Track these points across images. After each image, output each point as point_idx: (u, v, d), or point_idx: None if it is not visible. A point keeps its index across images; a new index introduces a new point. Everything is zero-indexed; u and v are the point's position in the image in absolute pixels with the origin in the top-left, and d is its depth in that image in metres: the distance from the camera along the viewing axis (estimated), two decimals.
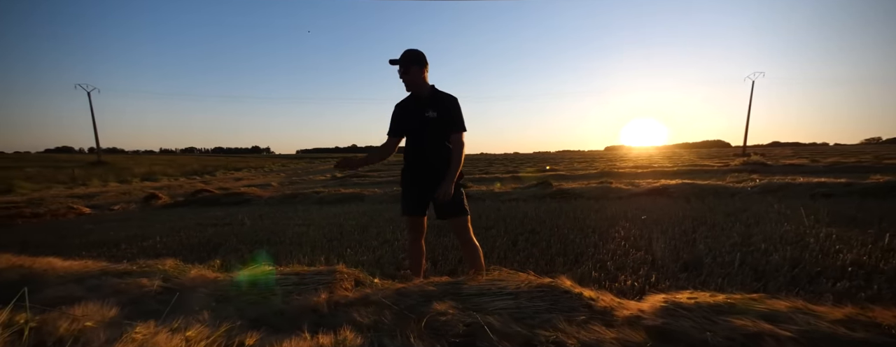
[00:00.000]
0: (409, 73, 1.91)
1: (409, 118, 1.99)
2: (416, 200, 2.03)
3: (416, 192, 2.02)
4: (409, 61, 1.90)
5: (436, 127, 1.95)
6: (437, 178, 1.93)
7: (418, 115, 1.95)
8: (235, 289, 1.82)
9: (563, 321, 1.33)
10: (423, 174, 1.99)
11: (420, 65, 1.92)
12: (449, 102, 1.98)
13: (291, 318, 1.54)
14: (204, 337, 1.22)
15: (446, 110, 1.96)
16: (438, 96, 1.98)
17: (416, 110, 1.96)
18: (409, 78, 1.92)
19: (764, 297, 1.40)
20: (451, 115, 1.96)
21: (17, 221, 5.88)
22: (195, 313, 1.47)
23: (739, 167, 12.18)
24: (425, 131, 1.96)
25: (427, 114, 1.93)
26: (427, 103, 1.95)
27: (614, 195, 6.09)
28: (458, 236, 2.06)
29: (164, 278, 2.00)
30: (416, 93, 1.98)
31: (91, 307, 1.55)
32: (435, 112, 1.94)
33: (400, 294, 1.71)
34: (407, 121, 2.00)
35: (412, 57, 1.91)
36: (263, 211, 5.75)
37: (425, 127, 1.95)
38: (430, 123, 1.94)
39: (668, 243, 2.84)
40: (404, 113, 2.01)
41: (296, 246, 3.25)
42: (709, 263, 2.34)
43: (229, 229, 4.22)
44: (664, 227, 3.40)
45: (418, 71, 1.92)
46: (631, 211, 4.41)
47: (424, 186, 1.98)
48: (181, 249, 3.34)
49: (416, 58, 1.91)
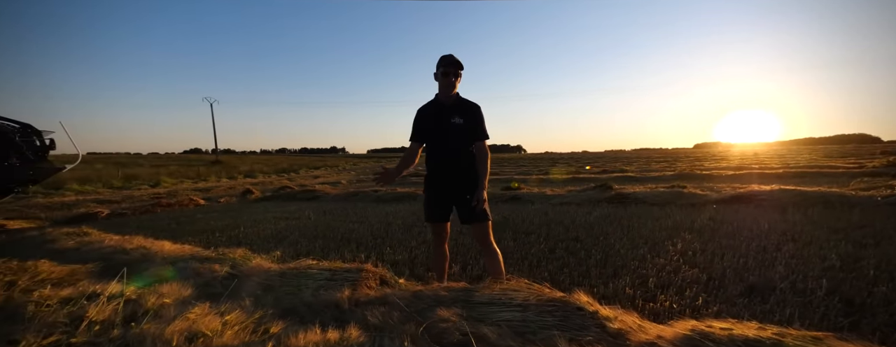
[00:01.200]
0: (459, 78, 1.93)
1: (435, 124, 1.97)
2: (440, 207, 2.04)
3: (440, 199, 2.03)
4: (460, 66, 1.91)
5: (461, 134, 1.95)
6: (462, 185, 1.95)
7: (444, 122, 1.93)
8: (279, 280, 2.07)
9: (565, 340, 1.25)
10: (449, 181, 1.99)
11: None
12: (475, 110, 1.98)
13: (317, 311, 1.71)
14: (239, 322, 1.43)
15: (473, 117, 1.96)
16: (464, 103, 1.98)
17: (442, 116, 1.94)
18: (456, 82, 1.92)
19: (832, 337, 1.15)
20: (476, 123, 1.97)
21: (157, 209, 7.39)
22: (242, 299, 1.73)
23: (879, 169, 9.70)
24: (451, 138, 1.95)
25: (454, 121, 1.92)
26: (453, 110, 1.94)
27: (685, 201, 5.37)
28: (478, 241, 2.05)
29: (231, 265, 2.36)
30: (442, 99, 1.97)
31: (174, 286, 1.91)
32: (461, 119, 1.93)
33: (415, 297, 1.77)
34: (432, 128, 1.98)
35: (461, 63, 1.92)
36: (328, 207, 6.34)
37: (451, 133, 1.94)
38: (457, 130, 1.93)
39: (735, 261, 2.44)
40: (428, 119, 1.99)
41: (344, 242, 3.54)
42: (784, 289, 1.96)
43: (296, 223, 4.76)
44: (738, 242, 2.91)
45: (461, 77, 1.95)
46: (701, 220, 3.87)
47: (449, 193, 1.99)
48: (256, 239, 3.87)
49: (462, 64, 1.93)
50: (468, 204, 1.91)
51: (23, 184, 5.15)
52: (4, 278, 1.99)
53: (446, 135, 1.95)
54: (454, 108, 1.94)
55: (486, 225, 1.98)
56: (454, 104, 1.95)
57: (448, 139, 1.96)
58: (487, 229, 1.99)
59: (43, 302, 1.60)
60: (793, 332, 1.14)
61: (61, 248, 3.16)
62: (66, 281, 2.05)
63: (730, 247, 2.76)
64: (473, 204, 1.88)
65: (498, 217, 4.55)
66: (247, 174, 18.87)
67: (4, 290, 1.85)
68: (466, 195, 1.92)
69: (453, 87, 1.92)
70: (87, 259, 2.68)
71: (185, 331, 1.28)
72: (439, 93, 1.96)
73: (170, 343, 1.18)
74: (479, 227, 1.98)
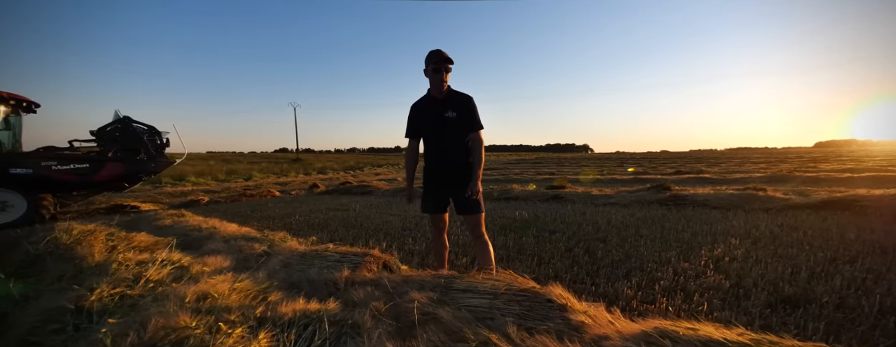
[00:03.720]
0: (449, 72, 1.91)
1: (429, 119, 1.97)
2: (438, 199, 2.07)
3: (438, 191, 2.06)
4: (450, 61, 1.90)
5: (456, 127, 1.94)
6: (459, 177, 1.96)
7: (438, 116, 1.93)
8: (299, 259, 2.31)
9: (517, 326, 1.22)
10: (446, 173, 2.01)
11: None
12: (467, 102, 1.96)
13: (317, 286, 1.88)
14: (246, 289, 1.66)
15: (465, 110, 1.95)
16: (457, 96, 1.97)
17: (435, 111, 1.94)
18: (447, 77, 1.90)
19: (793, 341, 0.96)
20: (470, 115, 1.96)
21: (242, 198, 8.63)
22: (259, 271, 1.99)
23: None
24: (446, 131, 1.95)
25: (447, 115, 1.92)
26: (446, 104, 1.93)
27: (758, 205, 4.59)
28: (471, 231, 2.06)
29: (269, 245, 2.70)
30: (435, 94, 1.96)
31: (217, 258, 2.27)
32: (454, 112, 1.92)
33: (404, 281, 1.85)
34: (426, 122, 1.99)
35: (450, 58, 1.90)
36: (377, 201, 6.75)
37: (446, 127, 1.94)
38: (451, 124, 1.93)
39: (778, 270, 2.05)
40: (422, 113, 2.00)
41: (375, 232, 3.77)
42: (827, 303, 1.60)
43: (342, 214, 5.18)
44: (798, 251, 2.43)
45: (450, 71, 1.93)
46: (765, 226, 3.30)
47: (446, 185, 2.01)
48: (304, 226, 4.32)
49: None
50: (464, 196, 1.93)
51: (148, 174, 6.44)
52: (110, 243, 2.56)
53: (442, 130, 1.95)
54: (447, 102, 1.93)
55: (478, 216, 1.98)
56: (447, 98, 1.94)
57: (443, 133, 1.96)
58: (480, 220, 1.99)
59: (123, 263, 2.03)
60: (772, 337, 0.96)
61: (161, 225, 3.91)
62: (149, 249, 2.56)
63: (784, 257, 2.31)
64: (468, 194, 1.89)
65: (528, 215, 4.40)
66: (319, 170, 20.86)
67: (107, 252, 2.39)
68: (462, 187, 1.93)
69: (444, 83, 1.91)
70: (173, 233, 3.28)
71: (199, 292, 1.53)
72: (431, 88, 1.95)
73: (184, 299, 1.43)
74: (473, 218, 1.99)
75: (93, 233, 2.72)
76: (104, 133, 6.05)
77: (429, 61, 1.89)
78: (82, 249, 2.38)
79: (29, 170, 5.22)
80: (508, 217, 4.33)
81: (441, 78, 1.89)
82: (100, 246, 2.46)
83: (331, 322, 1.31)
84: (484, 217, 1.99)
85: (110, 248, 2.48)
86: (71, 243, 2.53)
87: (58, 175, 5.38)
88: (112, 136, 6.03)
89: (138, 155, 6.14)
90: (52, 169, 5.34)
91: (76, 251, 2.38)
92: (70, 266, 2.19)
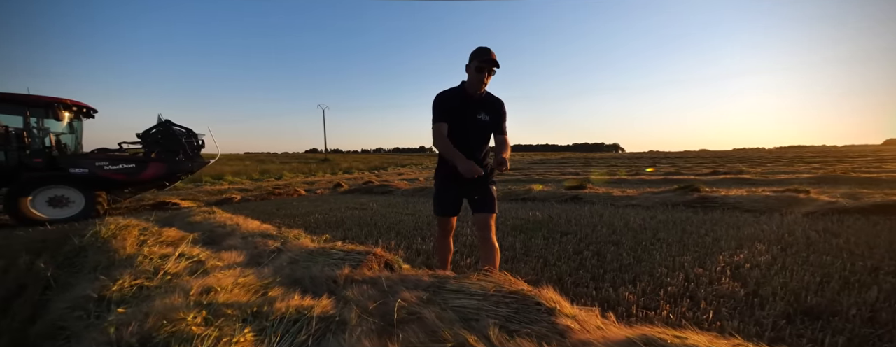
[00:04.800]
0: (491, 76, 1.79)
1: (459, 116, 1.83)
2: (453, 201, 1.99)
3: (455, 193, 1.97)
4: (497, 65, 1.76)
5: (486, 129, 1.87)
6: (478, 180, 1.85)
7: (469, 116, 1.83)
8: (307, 256, 2.38)
9: (497, 328, 1.19)
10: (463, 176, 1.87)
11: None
12: (499, 106, 1.88)
13: (318, 283, 1.93)
14: (249, 284, 1.73)
15: (498, 114, 1.87)
16: (491, 99, 1.87)
17: (468, 110, 1.83)
18: (487, 79, 1.78)
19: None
20: (500, 120, 1.88)
21: (271, 197, 9.06)
22: (266, 267, 2.07)
23: None
24: (474, 133, 1.86)
25: (480, 117, 1.84)
26: (480, 105, 1.84)
27: (798, 208, 4.21)
28: (481, 231, 1.95)
29: (282, 242, 2.80)
30: (472, 93, 1.81)
31: (233, 254, 2.39)
32: (487, 115, 1.85)
33: (401, 280, 1.85)
34: (456, 119, 1.83)
35: (497, 62, 1.77)
36: (395, 201, 6.84)
37: (476, 129, 1.85)
38: (481, 127, 1.85)
39: (804, 279, 1.85)
40: (453, 107, 1.83)
41: (386, 231, 3.82)
42: (853, 316, 1.43)
43: (359, 212, 5.29)
44: (834, 259, 2.20)
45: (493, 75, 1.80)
46: (802, 231, 3.01)
47: (463, 185, 1.91)
48: (321, 224, 4.45)
49: None
50: (481, 195, 1.87)
51: (186, 174, 6.91)
52: (141, 237, 2.76)
53: (470, 130, 1.84)
54: (481, 104, 1.83)
55: (491, 216, 1.92)
56: (482, 99, 1.84)
57: (470, 134, 1.85)
58: (492, 221, 1.93)
59: (148, 256, 2.18)
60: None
61: (192, 221, 4.17)
62: (175, 243, 2.73)
63: (816, 264, 2.10)
64: (502, 167, 1.73)
65: (542, 216, 4.29)
66: (345, 170, 21.47)
67: (138, 246, 2.58)
68: (479, 187, 1.87)
69: (483, 84, 1.78)
70: (200, 229, 3.50)
71: (204, 286, 1.61)
72: (468, 85, 1.82)
73: (189, 292, 1.51)
74: (485, 218, 1.91)
75: (128, 228, 2.95)
76: (148, 135, 6.56)
77: (474, 57, 1.75)
78: (116, 243, 2.59)
79: (85, 169, 5.76)
80: (521, 217, 4.25)
81: (482, 79, 1.76)
82: (131, 240, 2.66)
83: (319, 318, 1.34)
84: (495, 218, 1.94)
85: (141, 242, 2.67)
86: (108, 237, 2.76)
87: (109, 174, 5.89)
88: (155, 139, 6.53)
89: (177, 156, 6.60)
90: (104, 168, 5.86)
91: (111, 244, 2.59)
92: (104, 257, 2.39)
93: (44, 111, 5.88)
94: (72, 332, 1.41)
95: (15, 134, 5.61)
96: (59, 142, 6.03)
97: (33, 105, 5.77)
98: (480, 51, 1.75)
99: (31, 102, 5.74)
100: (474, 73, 1.76)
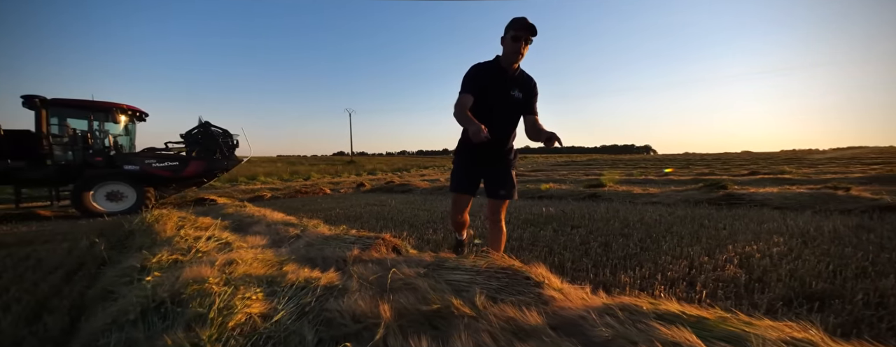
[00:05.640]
0: (528, 47, 1.68)
1: (494, 91, 1.73)
2: (471, 179, 1.94)
3: (476, 171, 1.92)
4: (533, 32, 1.64)
5: (517, 108, 1.78)
6: (499, 158, 1.86)
7: (503, 92, 1.73)
8: (321, 240, 2.55)
9: (484, 297, 1.27)
10: (489, 153, 1.85)
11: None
12: (532, 85, 1.80)
13: (328, 262, 2.07)
14: (266, 259, 1.90)
15: (530, 93, 1.79)
16: (525, 77, 1.79)
17: (503, 86, 1.73)
18: (524, 50, 1.68)
19: (767, 321, 0.89)
20: (532, 99, 1.80)
21: (297, 195, 9.52)
22: (282, 247, 2.25)
23: None
24: (506, 111, 1.78)
25: (513, 93, 1.74)
26: (514, 81, 1.75)
27: (834, 206, 3.94)
28: (491, 215, 1.97)
29: (301, 230, 3.00)
30: (506, 67, 1.72)
31: (257, 238, 2.60)
32: (520, 93, 1.76)
33: (405, 261, 1.96)
34: (489, 93, 1.72)
35: (534, 28, 1.64)
36: (413, 199, 7.01)
37: (508, 106, 1.76)
38: (514, 104, 1.76)
39: (817, 267, 1.77)
40: (488, 82, 1.72)
41: (400, 223, 3.95)
42: (858, 301, 1.37)
43: (377, 208, 5.48)
44: (853, 251, 2.07)
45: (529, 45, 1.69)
46: (834, 227, 2.84)
47: (485, 164, 1.88)
48: (341, 217, 4.67)
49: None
50: (503, 178, 1.86)
51: (222, 171, 7.44)
52: (179, 223, 3.06)
53: (502, 107, 1.75)
54: (516, 80, 1.75)
55: (505, 203, 1.95)
56: (517, 75, 1.75)
57: (503, 111, 1.76)
58: (504, 207, 1.97)
59: (184, 237, 2.43)
60: (724, 314, 0.90)
61: (225, 213, 4.51)
62: (207, 228, 3.01)
63: (835, 256, 1.98)
64: (558, 141, 1.55)
65: (556, 211, 4.27)
66: (369, 172, 22.05)
67: (176, 229, 2.87)
68: (499, 167, 1.85)
69: (520, 56, 1.68)
70: (231, 219, 3.80)
71: (228, 259, 1.80)
72: (502, 58, 1.72)
73: (214, 263, 1.70)
74: (499, 204, 1.92)
75: (168, 216, 3.27)
76: (190, 136, 7.14)
77: (510, 27, 1.66)
78: (158, 227, 2.89)
79: (137, 166, 6.36)
80: (534, 213, 4.25)
81: (518, 48, 1.65)
82: (171, 225, 2.95)
83: (324, 287, 1.47)
84: (507, 204, 1.98)
85: (179, 227, 2.96)
86: (152, 222, 3.08)
87: (156, 171, 6.47)
88: (195, 139, 7.09)
89: (214, 154, 7.13)
90: (152, 166, 6.44)
91: (154, 228, 2.90)
92: (148, 239, 2.68)
93: (104, 115, 6.57)
94: (118, 294, 1.63)
95: (81, 136, 6.31)
96: (116, 143, 6.70)
97: (96, 110, 6.46)
98: (516, 20, 1.64)
99: (95, 107, 6.44)
100: (510, 43, 1.65)
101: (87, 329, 1.26)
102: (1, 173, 5.67)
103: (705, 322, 0.93)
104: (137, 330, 1.12)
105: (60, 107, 6.17)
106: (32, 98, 5.85)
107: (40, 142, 5.86)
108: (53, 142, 6.04)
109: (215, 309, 1.12)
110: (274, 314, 1.19)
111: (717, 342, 0.83)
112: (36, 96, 5.86)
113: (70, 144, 6.22)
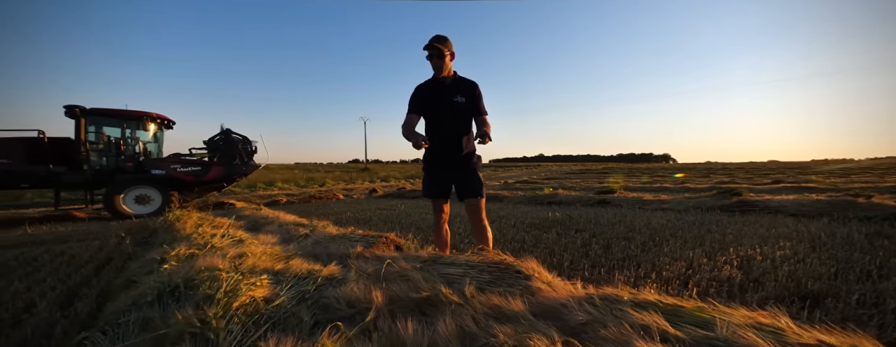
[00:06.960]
0: (447, 56, 1.87)
1: (436, 102, 1.93)
2: (439, 185, 2.09)
3: (442, 176, 2.07)
4: (437, 44, 1.84)
5: (463, 112, 1.95)
6: (462, 162, 1.99)
7: (446, 100, 1.91)
8: (328, 239, 2.65)
9: (473, 287, 1.32)
10: (450, 158, 2.00)
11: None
12: (473, 88, 1.95)
13: (332, 258, 2.16)
14: (274, 253, 2.00)
15: (472, 95, 1.94)
16: (463, 82, 1.96)
17: (444, 95, 1.91)
18: (444, 61, 1.86)
19: (743, 310, 0.91)
20: (476, 101, 1.96)
21: (312, 200, 9.76)
22: (290, 244, 2.36)
23: None
24: (454, 117, 1.94)
25: (456, 100, 1.91)
26: (453, 88, 1.92)
27: (854, 213, 3.80)
28: (471, 216, 2.07)
29: (310, 230, 3.12)
30: (440, 78, 1.92)
31: (268, 236, 2.73)
32: (462, 97, 1.92)
33: (404, 257, 2.03)
34: (433, 105, 1.93)
35: (438, 43, 1.85)
36: (423, 203, 7.08)
37: (454, 112, 1.93)
38: (459, 109, 1.93)
39: (819, 270, 1.73)
40: (429, 96, 1.94)
41: (406, 226, 4.03)
42: (852, 301, 1.34)
43: (386, 212, 5.59)
44: (860, 255, 2.00)
45: (452, 56, 1.92)
46: (848, 234, 2.74)
47: (449, 169, 2.02)
48: (350, 220, 4.79)
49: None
50: (468, 179, 1.99)
51: (241, 176, 7.75)
52: (198, 222, 3.24)
53: (449, 114, 1.93)
54: (454, 87, 1.92)
55: (479, 201, 2.03)
56: (453, 83, 1.93)
57: (450, 118, 1.94)
58: (481, 205, 2.04)
59: (201, 234, 2.58)
60: (701, 304, 0.93)
61: (242, 214, 4.71)
62: (223, 227, 3.17)
63: (842, 260, 1.93)
64: (478, 140, 1.80)
65: (562, 216, 4.26)
66: (383, 178, 22.34)
67: (195, 227, 3.04)
68: (464, 171, 1.98)
69: (444, 67, 1.88)
70: (246, 220, 3.97)
71: (239, 252, 1.91)
72: (435, 73, 1.94)
73: (226, 255, 1.81)
74: (475, 203, 2.03)
75: (188, 216, 3.46)
76: (212, 142, 7.49)
77: (425, 48, 1.89)
78: (179, 225, 3.07)
79: (163, 171, 6.71)
80: (540, 217, 4.25)
81: (436, 63, 1.87)
82: (190, 224, 3.13)
83: (325, 277, 1.56)
84: (484, 203, 2.06)
85: (197, 225, 3.13)
86: (173, 221, 3.27)
87: (180, 175, 6.81)
88: (217, 145, 7.43)
89: (234, 160, 7.45)
90: (177, 170, 6.79)
91: (175, 226, 3.08)
92: (169, 236, 2.85)
93: (136, 123, 7.00)
94: (140, 281, 1.76)
95: (114, 142, 6.74)
96: (145, 149, 7.11)
97: (129, 118, 6.90)
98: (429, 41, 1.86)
99: (128, 116, 6.88)
100: (429, 61, 1.89)
101: (110, 310, 1.38)
102: (44, 177, 6.10)
103: (681, 309, 0.96)
104: (153, 310, 1.23)
105: (98, 116, 6.62)
106: (73, 107, 6.31)
107: (79, 149, 6.29)
108: (90, 148, 6.47)
109: (222, 292, 1.22)
110: (275, 298, 1.28)
111: (685, 326, 0.86)
112: (76, 106, 6.32)
113: (105, 151, 6.65)
